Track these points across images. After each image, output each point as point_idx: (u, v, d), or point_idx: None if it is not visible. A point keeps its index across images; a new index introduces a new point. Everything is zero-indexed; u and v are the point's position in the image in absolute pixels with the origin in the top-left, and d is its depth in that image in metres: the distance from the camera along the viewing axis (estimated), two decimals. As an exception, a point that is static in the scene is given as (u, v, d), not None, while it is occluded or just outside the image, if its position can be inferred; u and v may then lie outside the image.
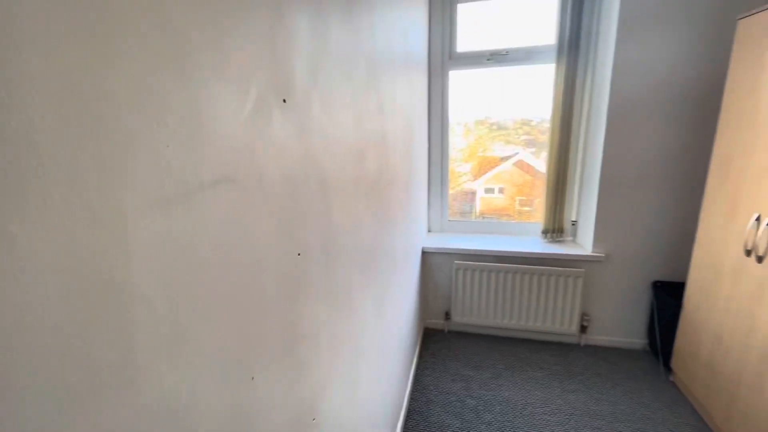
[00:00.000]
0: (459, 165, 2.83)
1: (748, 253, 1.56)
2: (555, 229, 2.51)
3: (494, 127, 2.73)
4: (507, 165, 2.82)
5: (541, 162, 2.67)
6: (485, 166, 2.82)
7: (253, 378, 0.54)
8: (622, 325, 2.42)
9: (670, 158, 2.13)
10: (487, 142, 2.76)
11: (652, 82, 2.06)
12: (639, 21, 2.00)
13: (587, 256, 2.33)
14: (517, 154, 2.76)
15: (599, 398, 2.02)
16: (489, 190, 2.89)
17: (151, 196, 0.36)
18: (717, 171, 1.78)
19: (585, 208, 2.43)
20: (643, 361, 2.31)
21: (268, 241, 0.57)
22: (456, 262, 2.51)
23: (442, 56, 2.52)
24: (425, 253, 2.61)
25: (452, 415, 1.92)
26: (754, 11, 1.57)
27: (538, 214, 2.71)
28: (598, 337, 2.48)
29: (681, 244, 2.21)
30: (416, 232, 2.30)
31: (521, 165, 2.81)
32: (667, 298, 2.16)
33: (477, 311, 2.55)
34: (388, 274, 1.49)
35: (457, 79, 2.59)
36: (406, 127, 1.82)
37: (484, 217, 2.87)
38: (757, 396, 1.50)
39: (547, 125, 2.53)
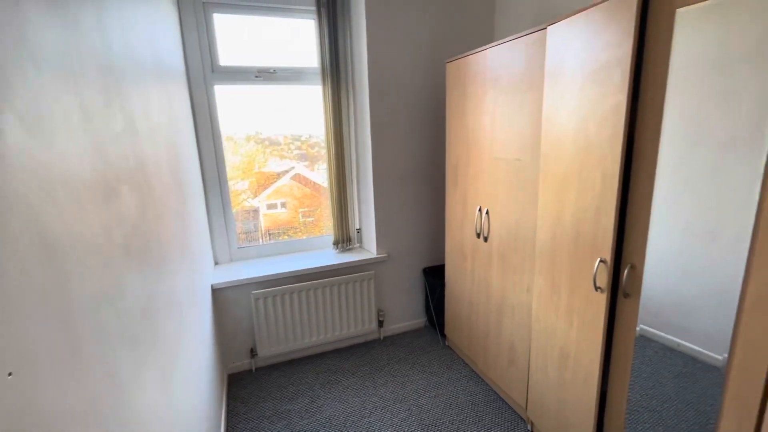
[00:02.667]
0: (237, 183, 2.63)
1: (478, 235, 2.09)
2: (344, 239, 2.69)
3: (266, 142, 2.67)
4: (286, 179, 2.82)
5: (315, 174, 2.80)
6: (264, 182, 2.73)
7: None
8: (408, 310, 2.84)
9: (423, 167, 2.64)
10: (261, 157, 2.68)
11: (402, 106, 2.49)
12: (382, 56, 2.38)
13: (373, 258, 2.60)
14: (293, 168, 2.80)
15: (403, 381, 2.29)
16: (272, 206, 2.82)
17: None
18: (451, 175, 2.32)
19: (366, 216, 2.71)
20: (427, 336, 2.77)
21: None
22: (253, 292, 2.31)
23: (204, 69, 2.26)
24: (216, 291, 2.28)
25: (277, 462, 1.74)
26: (455, 58, 2.12)
27: (321, 223, 2.83)
28: (393, 326, 2.81)
29: (439, 234, 2.79)
30: (202, 270, 1.97)
31: (299, 178, 2.86)
32: (435, 280, 2.67)
33: (284, 338, 2.43)
34: (174, 333, 1.19)
35: (226, 94, 2.38)
36: (172, 150, 1.52)
37: (270, 234, 2.77)
38: (497, 338, 2.03)
39: (315, 140, 2.68)
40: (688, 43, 1.04)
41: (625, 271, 1.27)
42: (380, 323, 2.73)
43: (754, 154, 0.93)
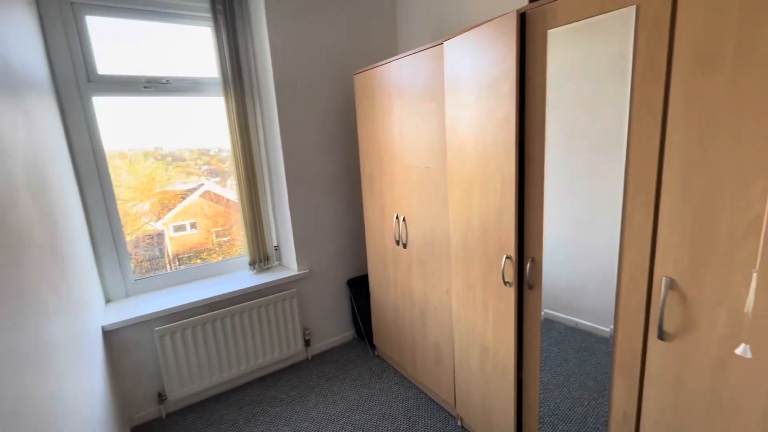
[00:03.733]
0: (135, 205, 2.32)
1: (397, 242, 2.13)
2: (261, 259, 2.53)
3: (169, 158, 2.41)
4: (194, 197, 2.58)
5: (228, 191, 2.61)
6: (168, 202, 2.46)
7: None
8: (335, 325, 2.77)
9: (340, 177, 2.61)
10: (164, 175, 2.41)
11: (314, 116, 2.44)
12: (288, 66, 2.31)
13: (294, 275, 2.49)
14: (202, 185, 2.58)
15: (335, 399, 2.21)
16: (180, 228, 2.55)
17: None
18: (366, 185, 2.33)
19: (283, 232, 2.59)
20: (356, 348, 2.73)
21: None
22: (156, 329, 2.04)
23: (77, 78, 1.96)
24: (109, 333, 1.96)
25: None
26: (362, 69, 2.15)
27: (239, 242, 2.64)
28: (321, 343, 2.72)
29: (360, 245, 2.78)
30: (86, 312, 1.68)
31: (210, 195, 2.64)
32: (360, 291, 2.66)
33: (198, 375, 2.19)
34: (44, 397, 0.98)
35: (112, 106, 2.09)
36: (32, 174, 1.27)
37: (179, 259, 2.50)
38: (423, 341, 2.08)
39: (226, 154, 2.50)
40: (562, 59, 1.18)
41: (528, 265, 1.39)
42: (307, 342, 2.62)
43: (615, 155, 1.08)
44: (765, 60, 0.79)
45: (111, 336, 1.98)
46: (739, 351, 0.75)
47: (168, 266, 2.43)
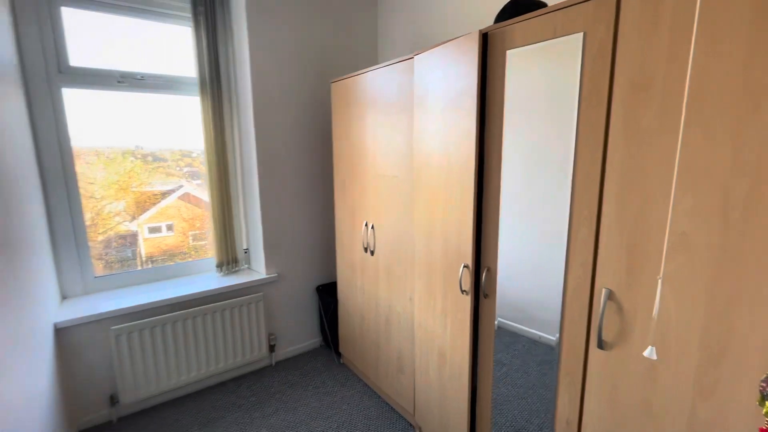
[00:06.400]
0: (109, 203, 2.27)
1: (366, 249, 2.15)
2: (229, 261, 2.50)
3: (149, 158, 2.38)
4: (171, 199, 2.54)
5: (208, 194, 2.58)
6: (143, 202, 2.41)
7: None
8: (302, 331, 2.74)
9: (313, 183, 2.63)
10: (143, 175, 2.37)
11: (290, 121, 2.46)
12: (267, 70, 2.34)
13: (262, 279, 2.47)
14: (181, 186, 2.55)
15: (295, 407, 2.18)
16: (155, 230, 2.50)
17: None
18: (339, 191, 2.35)
19: (253, 236, 2.57)
20: (322, 356, 2.71)
21: None
22: (113, 328, 1.98)
23: (48, 68, 1.93)
24: (62, 331, 1.90)
25: None
26: (339, 78, 2.19)
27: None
28: (286, 350, 2.68)
29: (331, 251, 2.78)
30: (35, 307, 1.62)
31: (188, 198, 2.61)
32: (328, 298, 2.65)
33: (155, 378, 2.12)
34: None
35: (90, 102, 2.06)
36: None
37: (152, 261, 2.44)
38: (386, 348, 2.09)
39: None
40: (519, 79, 1.25)
41: (484, 274, 1.43)
42: (272, 348, 2.58)
43: (567, 171, 1.15)
44: (691, 88, 0.86)
45: (63, 333, 1.91)
46: (646, 353, 0.80)
47: (140, 267, 2.37)
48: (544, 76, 1.17)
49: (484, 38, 1.33)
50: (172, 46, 2.32)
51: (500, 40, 1.28)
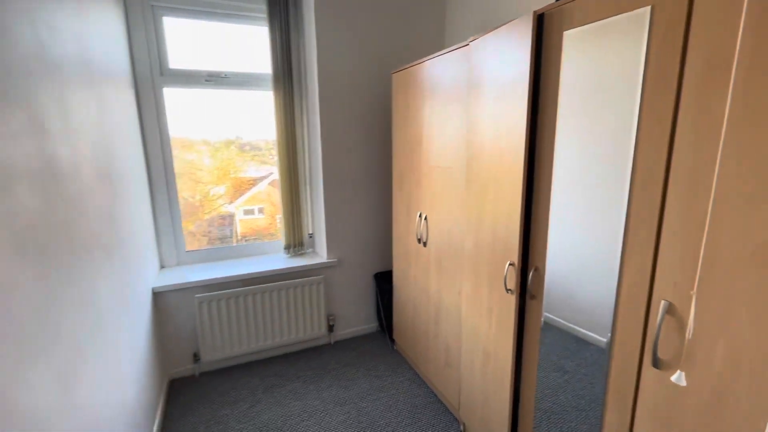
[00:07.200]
0: (212, 188, 2.65)
1: (419, 240, 2.16)
2: (295, 244, 2.70)
3: (247, 147, 2.71)
4: (263, 185, 2.85)
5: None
6: (240, 187, 2.75)
7: None
8: (359, 315, 2.86)
9: (373, 174, 2.70)
10: (240, 162, 2.70)
11: (353, 113, 2.54)
12: (332, 63, 2.44)
13: (323, 263, 2.62)
14: (272, 173, 2.83)
15: (347, 385, 2.30)
16: (249, 212, 2.85)
17: None
18: (396, 182, 2.38)
19: (317, 221, 2.74)
20: (377, 341, 2.80)
21: None
22: (197, 296, 2.29)
23: (152, 72, 2.26)
24: (158, 294, 2.25)
25: (207, 466, 1.73)
26: (400, 69, 2.20)
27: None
28: (344, 331, 2.83)
29: (387, 240, 2.84)
30: (141, 273, 1.95)
31: (275, 184, 2.89)
32: (384, 285, 2.72)
33: (229, 343, 2.42)
34: (81, 335, 1.18)
35: (191, 97, 2.41)
36: (101, 150, 1.51)
37: (246, 240, 2.79)
38: (435, 340, 2.09)
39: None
40: (576, 63, 1.13)
41: (531, 274, 1.35)
42: (330, 328, 2.75)
43: (623, 165, 1.02)
44: (781, 68, 0.70)
45: (159, 297, 2.26)
46: (674, 378, 0.68)
47: (235, 244, 2.74)
48: (603, 60, 1.04)
49: (540, 20, 1.22)
50: (250, 45, 2.54)
51: (557, 21, 1.16)
